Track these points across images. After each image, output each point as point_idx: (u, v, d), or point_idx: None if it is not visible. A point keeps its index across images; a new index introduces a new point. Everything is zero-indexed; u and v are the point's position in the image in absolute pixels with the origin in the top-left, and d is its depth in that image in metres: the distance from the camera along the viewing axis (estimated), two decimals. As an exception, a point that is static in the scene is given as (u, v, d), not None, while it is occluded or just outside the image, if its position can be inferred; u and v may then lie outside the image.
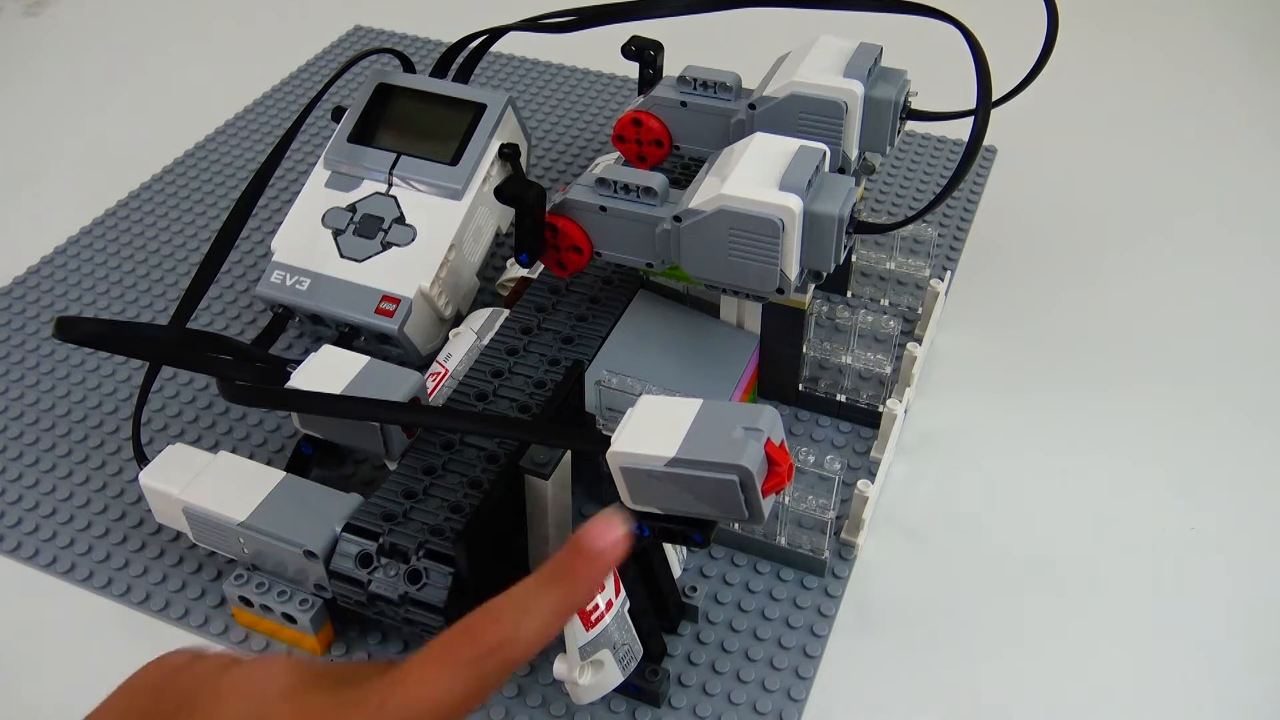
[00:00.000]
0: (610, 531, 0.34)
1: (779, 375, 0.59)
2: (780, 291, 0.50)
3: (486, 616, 0.33)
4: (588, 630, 0.43)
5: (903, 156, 0.79)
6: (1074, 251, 0.71)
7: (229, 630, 0.51)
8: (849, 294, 0.67)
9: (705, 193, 0.49)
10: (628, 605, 0.45)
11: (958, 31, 0.55)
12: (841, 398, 0.59)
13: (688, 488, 0.39)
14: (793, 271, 0.49)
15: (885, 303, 0.67)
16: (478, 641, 0.32)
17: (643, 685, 0.47)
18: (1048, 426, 0.60)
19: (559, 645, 0.42)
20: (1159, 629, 0.51)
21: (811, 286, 0.55)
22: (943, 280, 0.63)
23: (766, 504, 0.40)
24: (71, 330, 0.47)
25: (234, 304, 0.69)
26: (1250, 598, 0.52)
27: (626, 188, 0.51)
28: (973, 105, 0.57)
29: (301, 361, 0.52)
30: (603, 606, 0.43)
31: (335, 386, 0.50)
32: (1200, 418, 0.60)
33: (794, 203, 0.47)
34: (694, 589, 0.51)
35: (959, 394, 0.62)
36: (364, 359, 0.51)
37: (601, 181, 0.52)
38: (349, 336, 0.61)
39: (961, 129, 0.80)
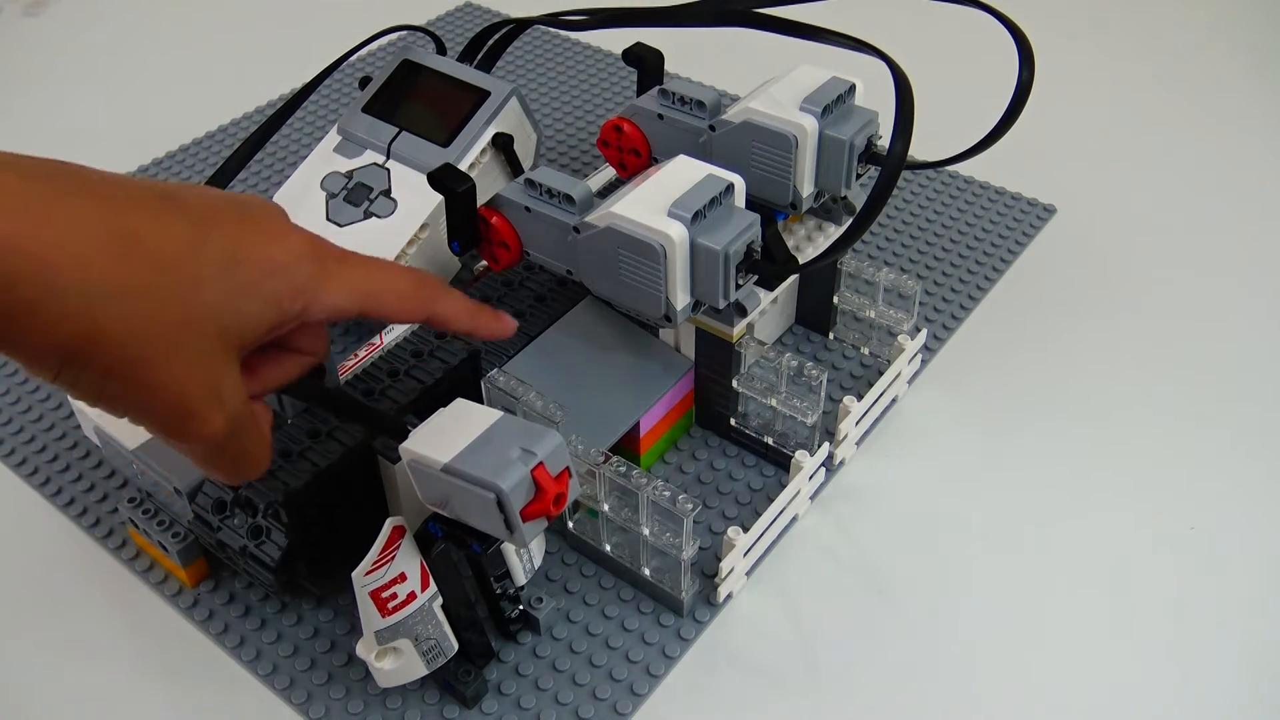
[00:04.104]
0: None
1: (711, 406, 0.58)
2: (667, 319, 0.48)
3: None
4: (384, 616, 0.44)
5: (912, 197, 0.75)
6: (1092, 332, 0.65)
7: (125, 545, 0.55)
8: (831, 335, 0.64)
9: (604, 208, 0.48)
10: (439, 601, 0.45)
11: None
12: (769, 440, 0.57)
13: (457, 496, 0.39)
14: (680, 301, 0.48)
15: (866, 351, 0.64)
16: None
17: (454, 684, 0.48)
18: (1004, 478, 0.58)
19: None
20: (1159, 630, 0.51)
21: (743, 321, 0.53)
22: (912, 337, 0.59)
23: (529, 529, 0.39)
24: None
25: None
26: (1251, 597, 0.51)
27: (550, 192, 0.51)
28: (956, 152, 0.54)
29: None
30: (401, 596, 0.44)
31: (245, 340, 0.52)
32: (1200, 417, 0.60)
33: (676, 231, 0.45)
34: (540, 600, 0.50)
35: (909, 454, 0.58)
36: (283, 318, 0.54)
37: (530, 183, 0.52)
38: (318, 296, 0.63)
39: (965, 166, 0.77)
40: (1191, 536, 0.55)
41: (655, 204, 0.47)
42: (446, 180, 0.52)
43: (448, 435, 0.40)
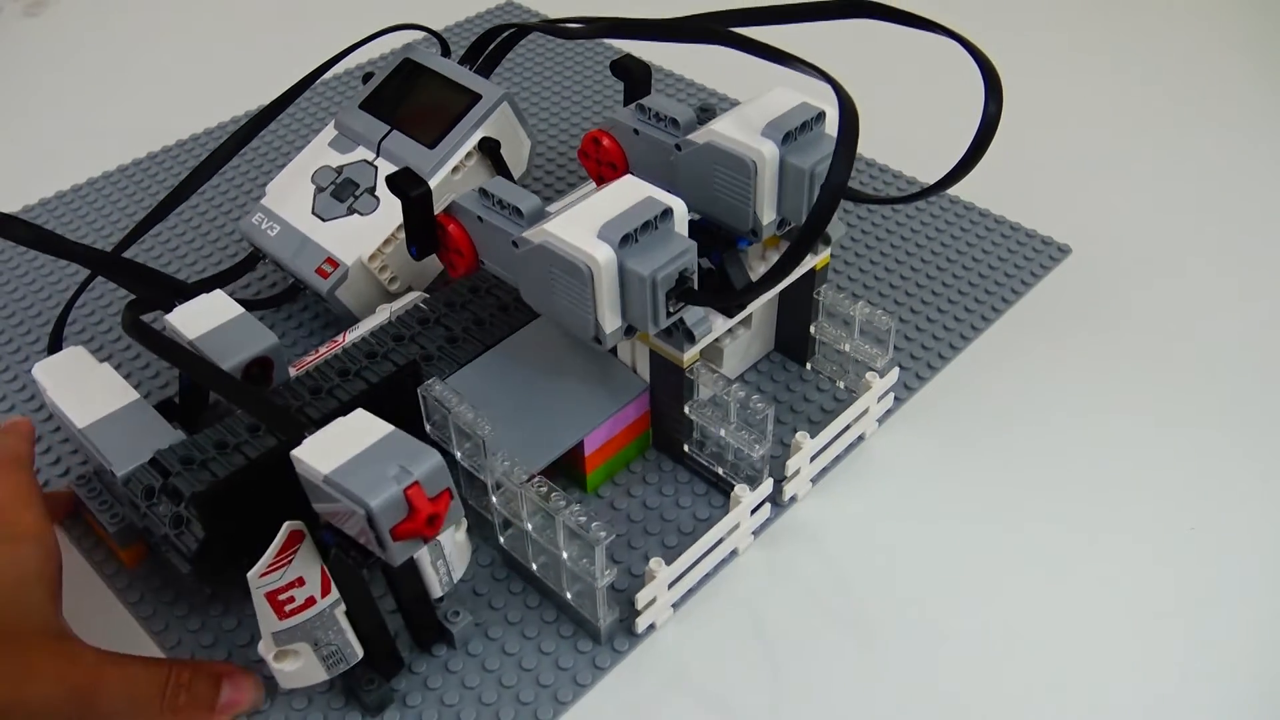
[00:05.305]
0: (236, 693, 0.47)
1: (666, 430, 0.57)
2: (597, 340, 0.47)
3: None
4: (280, 619, 0.44)
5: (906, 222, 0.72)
6: (1085, 383, 0.62)
7: (73, 527, 0.56)
8: (808, 366, 0.63)
9: (543, 224, 0.47)
10: (341, 607, 0.45)
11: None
12: (720, 470, 0.55)
13: (336, 509, 0.39)
14: (609, 323, 0.47)
15: (842, 385, 0.62)
16: None
17: (358, 691, 0.47)
18: (968, 513, 0.56)
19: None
20: (1159, 631, 0.50)
21: (693, 347, 0.52)
22: (882, 375, 0.57)
23: (401, 548, 0.39)
24: (5, 226, 0.53)
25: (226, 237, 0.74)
26: (1251, 597, 0.51)
27: (501, 203, 0.50)
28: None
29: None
30: (300, 600, 0.44)
31: (198, 329, 0.53)
32: (1199, 418, 0.60)
33: (603, 253, 0.44)
34: (456, 614, 0.50)
35: (867, 493, 0.56)
36: (239, 310, 0.54)
37: (483, 192, 0.51)
38: (296, 288, 0.64)
39: (972, 198, 0.74)
40: (1191, 536, 0.54)
41: (588, 224, 0.46)
42: (401, 184, 0.52)
43: (336, 446, 0.40)
